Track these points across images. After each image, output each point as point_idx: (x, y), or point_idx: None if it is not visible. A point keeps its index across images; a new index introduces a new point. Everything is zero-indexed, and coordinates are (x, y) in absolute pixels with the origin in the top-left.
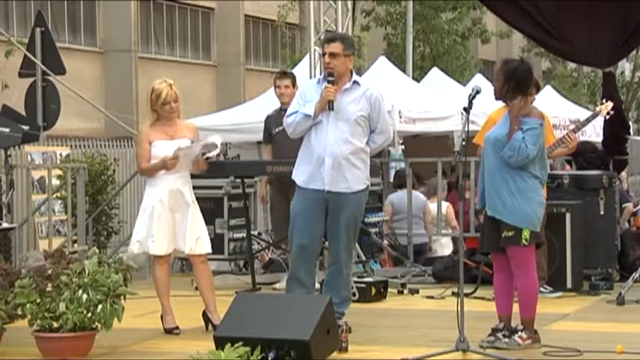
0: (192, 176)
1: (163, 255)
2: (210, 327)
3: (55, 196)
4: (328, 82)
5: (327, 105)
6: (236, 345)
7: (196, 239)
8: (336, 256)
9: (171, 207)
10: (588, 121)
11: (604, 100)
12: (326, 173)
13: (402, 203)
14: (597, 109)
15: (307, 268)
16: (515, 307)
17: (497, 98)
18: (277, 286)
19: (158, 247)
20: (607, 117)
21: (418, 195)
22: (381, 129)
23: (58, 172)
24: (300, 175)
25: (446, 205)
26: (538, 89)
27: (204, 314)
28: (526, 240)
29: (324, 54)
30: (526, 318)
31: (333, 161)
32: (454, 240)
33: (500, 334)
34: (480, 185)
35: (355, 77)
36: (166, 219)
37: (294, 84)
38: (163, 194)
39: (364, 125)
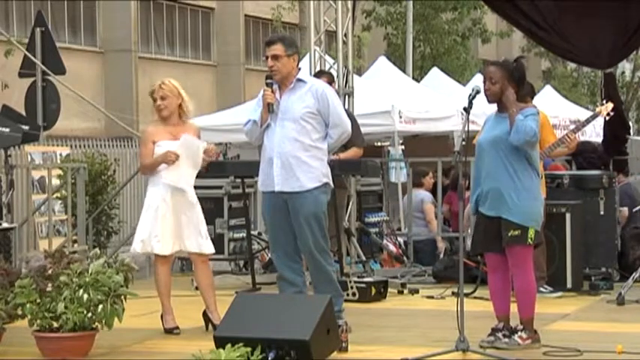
0: (198, 175)
1: (167, 255)
2: (210, 327)
3: (55, 196)
4: (267, 84)
5: (268, 108)
6: (237, 345)
7: (203, 239)
8: (308, 256)
9: (175, 207)
10: (588, 121)
11: (604, 101)
12: (275, 174)
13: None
14: (597, 109)
15: (290, 266)
16: (514, 307)
17: (493, 101)
18: None
19: (163, 247)
20: (607, 118)
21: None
22: (334, 123)
23: (58, 172)
24: (259, 178)
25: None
26: (533, 95)
27: (205, 314)
28: (531, 239)
29: (266, 57)
30: (525, 318)
31: (282, 162)
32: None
33: (500, 334)
34: (475, 190)
35: (301, 75)
36: (171, 219)
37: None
38: (166, 194)
39: (314, 122)
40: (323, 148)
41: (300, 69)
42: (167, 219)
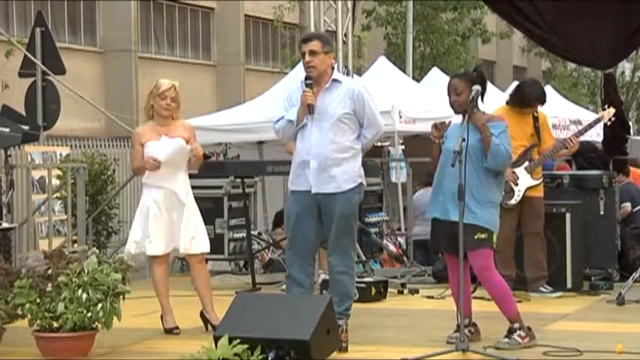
0: (193, 176)
1: (160, 255)
2: (209, 327)
3: (55, 196)
4: (306, 85)
5: (307, 109)
6: (233, 343)
7: (191, 239)
8: (330, 255)
9: (167, 207)
10: (590, 126)
11: (606, 106)
12: (311, 175)
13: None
14: (600, 114)
15: (301, 266)
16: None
17: (460, 112)
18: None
19: (154, 248)
20: (609, 123)
21: None
22: (369, 122)
23: (58, 172)
24: (291, 178)
25: None
26: (544, 100)
27: (202, 315)
28: (495, 244)
29: (302, 54)
30: (511, 315)
31: (318, 163)
32: None
33: (466, 330)
34: (437, 193)
35: (336, 75)
36: (162, 219)
37: None
38: (157, 194)
39: (350, 122)
40: (358, 148)
41: (334, 69)
42: (158, 219)
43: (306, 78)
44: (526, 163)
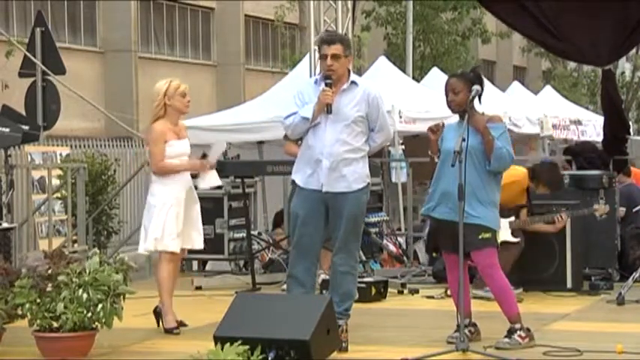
0: (193, 176)
1: (177, 253)
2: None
3: (55, 196)
4: (326, 84)
5: (325, 108)
6: (236, 344)
7: (199, 235)
8: (335, 254)
9: (187, 204)
10: (582, 212)
11: (601, 200)
12: (323, 174)
13: None
14: (594, 207)
15: (305, 266)
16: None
17: (458, 111)
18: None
19: (176, 245)
20: (602, 217)
21: None
22: (381, 127)
23: (58, 172)
24: (299, 175)
25: None
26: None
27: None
28: (498, 242)
29: (324, 56)
30: (513, 314)
31: (330, 162)
32: None
33: (466, 330)
34: (434, 192)
35: (353, 77)
36: (182, 217)
37: None
38: (180, 192)
39: (362, 126)
40: (366, 150)
41: (349, 70)
42: (180, 217)
43: (326, 77)
44: (512, 218)
